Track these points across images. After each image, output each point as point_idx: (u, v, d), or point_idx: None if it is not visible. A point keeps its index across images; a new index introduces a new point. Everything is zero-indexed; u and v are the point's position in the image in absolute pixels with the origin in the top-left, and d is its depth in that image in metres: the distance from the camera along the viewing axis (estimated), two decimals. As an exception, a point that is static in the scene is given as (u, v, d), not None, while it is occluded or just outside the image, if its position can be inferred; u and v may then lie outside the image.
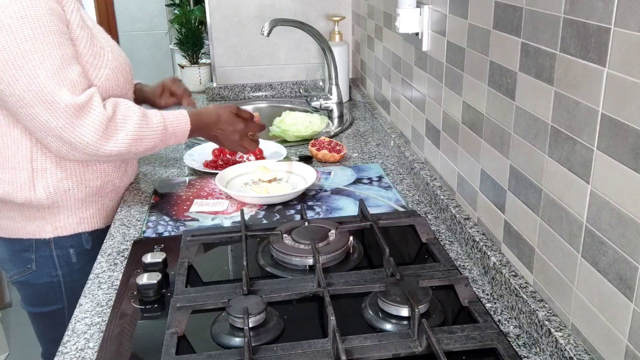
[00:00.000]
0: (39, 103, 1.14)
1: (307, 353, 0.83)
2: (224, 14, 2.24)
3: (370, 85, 2.06)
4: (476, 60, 1.08)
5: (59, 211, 1.31)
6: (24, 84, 1.13)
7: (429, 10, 1.33)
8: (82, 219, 1.35)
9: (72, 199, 1.31)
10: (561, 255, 0.84)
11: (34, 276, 1.36)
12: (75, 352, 0.91)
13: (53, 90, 1.14)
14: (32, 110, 1.15)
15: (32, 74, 1.13)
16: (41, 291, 1.37)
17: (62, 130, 1.16)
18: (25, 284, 1.37)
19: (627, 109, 0.67)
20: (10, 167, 1.25)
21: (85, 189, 1.32)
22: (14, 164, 1.24)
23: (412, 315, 0.87)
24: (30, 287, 1.38)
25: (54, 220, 1.32)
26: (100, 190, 1.36)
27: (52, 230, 1.32)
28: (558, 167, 0.83)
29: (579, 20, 0.75)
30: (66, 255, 1.35)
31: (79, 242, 1.36)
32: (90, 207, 1.35)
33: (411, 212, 1.26)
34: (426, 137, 1.42)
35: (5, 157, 1.24)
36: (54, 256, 1.34)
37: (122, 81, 1.32)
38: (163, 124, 1.28)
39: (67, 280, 1.37)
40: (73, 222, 1.34)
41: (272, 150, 1.69)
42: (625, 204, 0.69)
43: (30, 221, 1.31)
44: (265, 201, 1.36)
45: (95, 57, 1.25)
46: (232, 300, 0.91)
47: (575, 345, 0.80)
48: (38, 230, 1.32)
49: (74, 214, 1.33)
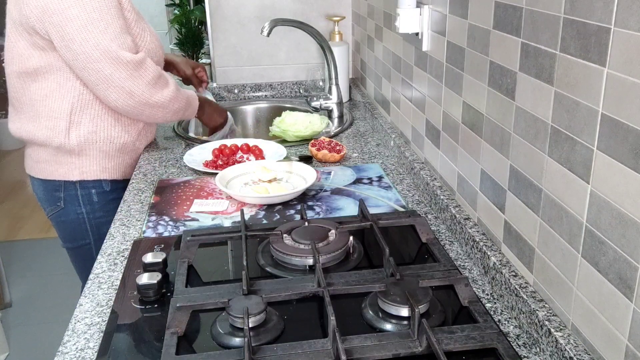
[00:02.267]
0: (105, 59, 1.43)
1: (307, 353, 0.83)
2: (224, 14, 2.24)
3: (370, 85, 2.06)
4: (476, 60, 1.08)
5: (86, 158, 1.58)
6: (93, 44, 1.42)
7: (429, 10, 1.33)
8: (105, 168, 1.61)
9: (98, 150, 1.58)
10: (561, 255, 0.84)
11: (63, 212, 1.62)
12: (75, 352, 0.91)
13: (116, 50, 1.43)
14: (99, 64, 1.43)
15: (99, 37, 1.42)
16: (70, 227, 1.64)
17: (123, 81, 1.46)
18: (58, 220, 1.64)
19: (627, 109, 0.67)
20: (53, 116, 1.53)
21: (110, 144, 1.59)
22: (57, 114, 1.53)
23: (412, 315, 0.87)
24: (62, 224, 1.64)
25: (81, 165, 1.58)
26: (123, 148, 1.63)
27: (79, 174, 1.59)
28: (558, 167, 0.83)
29: (579, 20, 0.75)
30: (89, 194, 1.61)
31: (100, 185, 1.62)
32: (112, 160, 1.62)
33: (411, 212, 1.26)
34: (426, 137, 1.42)
35: (51, 109, 1.52)
36: (78, 195, 1.60)
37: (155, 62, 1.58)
38: (186, 93, 1.64)
39: (90, 217, 1.62)
40: (97, 169, 1.60)
41: (272, 150, 1.69)
42: (625, 204, 0.69)
43: (61, 165, 1.58)
44: (265, 201, 1.36)
45: (137, 37, 1.54)
46: (232, 300, 0.91)
47: (575, 345, 0.80)
48: (67, 173, 1.58)
49: (98, 163, 1.59)
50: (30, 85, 1.52)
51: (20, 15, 1.44)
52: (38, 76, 1.50)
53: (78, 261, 1.70)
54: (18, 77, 1.52)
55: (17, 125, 1.60)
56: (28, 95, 1.53)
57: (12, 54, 1.52)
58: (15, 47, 1.50)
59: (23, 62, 1.50)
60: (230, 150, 1.66)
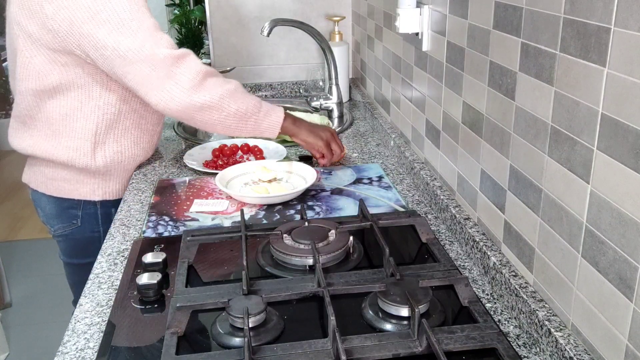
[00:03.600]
0: (141, 59, 1.33)
1: (307, 353, 0.83)
2: (224, 14, 2.24)
3: (370, 85, 2.06)
4: (476, 60, 1.08)
5: (110, 178, 1.54)
6: (127, 45, 1.32)
7: (429, 10, 1.33)
8: (125, 186, 1.56)
9: (121, 170, 1.54)
10: (561, 255, 0.84)
11: (79, 230, 1.56)
12: (75, 352, 0.91)
13: (152, 47, 1.33)
14: (136, 66, 1.33)
15: (132, 37, 1.32)
16: (83, 244, 1.57)
17: (162, 80, 1.33)
18: (69, 237, 1.57)
19: (627, 109, 0.67)
20: (77, 137, 1.46)
21: (133, 162, 1.56)
22: (81, 135, 1.45)
23: (412, 315, 0.87)
24: (72, 241, 1.58)
25: (104, 185, 1.53)
26: (141, 165, 1.61)
27: (102, 194, 1.54)
28: (558, 167, 0.83)
29: (579, 20, 0.75)
30: (108, 214, 1.54)
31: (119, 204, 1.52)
32: (132, 177, 1.57)
33: (411, 212, 1.26)
34: (426, 137, 1.42)
35: (74, 129, 1.45)
36: (98, 214, 1.55)
37: None
38: (257, 99, 1.46)
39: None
40: (120, 188, 1.56)
41: (272, 150, 1.69)
42: (625, 204, 0.69)
43: (83, 185, 1.52)
44: (265, 201, 1.36)
45: None
46: (232, 300, 0.91)
47: (575, 345, 0.80)
48: (89, 193, 1.53)
49: (120, 182, 1.56)
50: (47, 102, 1.43)
51: (43, 30, 1.34)
52: (57, 93, 1.42)
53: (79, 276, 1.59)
54: (34, 94, 1.42)
55: (28, 143, 1.49)
56: (44, 113, 1.44)
57: (28, 71, 1.41)
58: (32, 63, 1.39)
59: (41, 79, 1.40)
60: (230, 150, 1.66)
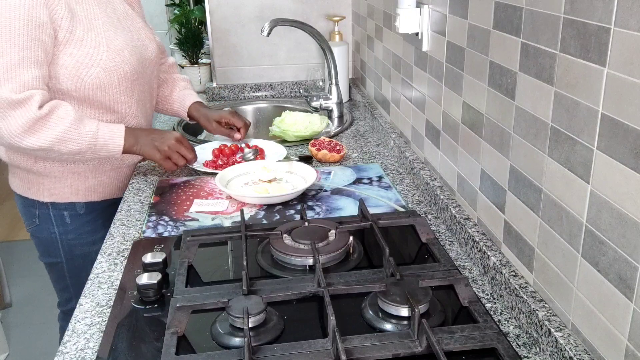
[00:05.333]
0: None
1: (307, 353, 0.83)
2: (224, 14, 2.24)
3: (370, 85, 2.06)
4: (476, 60, 1.08)
5: (56, 181, 1.48)
6: None
7: (429, 10, 1.33)
8: (77, 190, 1.51)
9: (68, 172, 1.48)
10: (561, 255, 0.84)
11: (38, 229, 1.55)
12: (75, 352, 0.91)
13: None
14: None
15: None
16: (44, 243, 1.57)
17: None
18: (34, 235, 1.58)
19: (627, 109, 0.67)
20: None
21: (82, 165, 1.48)
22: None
23: (412, 315, 0.87)
24: (37, 239, 1.58)
25: (50, 187, 1.49)
26: (98, 168, 1.51)
27: (49, 195, 1.50)
28: (558, 167, 0.83)
29: (579, 20, 0.75)
30: (61, 216, 1.52)
31: (73, 207, 1.52)
32: (86, 181, 1.51)
33: (411, 212, 1.26)
34: (426, 137, 1.42)
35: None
36: (50, 215, 1.52)
37: (116, 80, 1.42)
38: (94, 133, 1.37)
39: (63, 238, 1.54)
40: (67, 192, 1.50)
41: (272, 150, 1.69)
42: (625, 204, 0.69)
43: (32, 185, 1.50)
44: (265, 201, 1.36)
45: (86, 56, 1.36)
46: (232, 300, 0.91)
47: (575, 345, 0.80)
48: (37, 193, 1.50)
49: (69, 185, 1.50)
50: None
51: None
52: None
53: (52, 276, 1.64)
54: None
55: None
56: None
57: None
58: None
59: None
60: (230, 150, 1.66)
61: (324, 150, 1.61)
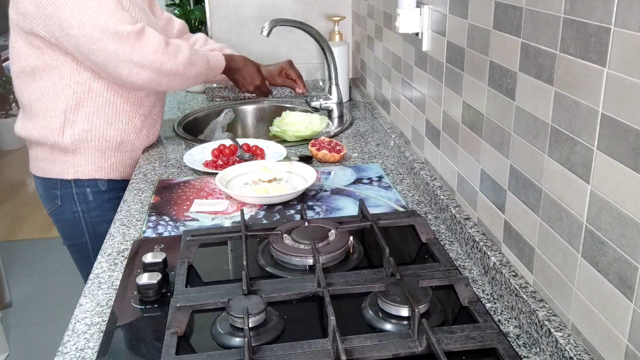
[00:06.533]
0: (106, 37, 1.41)
1: (307, 353, 0.83)
2: (224, 14, 2.24)
3: (370, 85, 2.06)
4: (476, 60, 1.08)
5: (81, 157, 1.58)
6: (90, 24, 1.40)
7: (429, 10, 1.33)
8: (100, 167, 1.60)
9: (93, 149, 1.58)
10: (561, 255, 0.84)
11: (60, 210, 1.62)
12: (75, 352, 0.91)
13: (115, 25, 1.41)
14: (102, 44, 1.42)
15: (94, 16, 1.40)
16: (67, 225, 1.64)
17: (129, 54, 1.43)
18: (56, 218, 1.65)
19: (627, 109, 0.67)
20: (48, 114, 1.53)
21: (106, 142, 1.58)
22: (52, 113, 1.53)
23: (412, 315, 0.87)
24: (60, 222, 1.65)
25: (75, 164, 1.58)
26: (119, 147, 1.62)
27: (74, 172, 1.59)
28: (558, 167, 0.83)
29: (579, 20, 0.75)
30: (84, 193, 1.60)
31: (95, 184, 1.61)
32: (108, 159, 1.61)
33: (411, 212, 1.26)
34: (426, 137, 1.42)
35: (47, 107, 1.53)
36: (74, 193, 1.60)
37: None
38: (206, 56, 1.62)
39: (86, 216, 1.62)
40: (92, 168, 1.59)
41: (272, 150, 1.69)
42: (625, 204, 0.69)
43: (56, 163, 1.58)
44: (265, 201, 1.36)
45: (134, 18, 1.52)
46: (232, 300, 0.91)
47: (575, 345, 0.80)
48: (62, 171, 1.59)
49: (93, 162, 1.59)
50: (29, 85, 1.53)
51: (17, 14, 1.46)
52: (35, 76, 1.51)
53: (77, 259, 1.71)
54: (18, 76, 1.54)
55: (19, 125, 1.62)
56: (27, 95, 1.55)
57: (12, 55, 1.54)
58: (14, 46, 1.52)
59: (21, 61, 1.51)
60: (230, 150, 1.66)
61: (324, 150, 1.61)
